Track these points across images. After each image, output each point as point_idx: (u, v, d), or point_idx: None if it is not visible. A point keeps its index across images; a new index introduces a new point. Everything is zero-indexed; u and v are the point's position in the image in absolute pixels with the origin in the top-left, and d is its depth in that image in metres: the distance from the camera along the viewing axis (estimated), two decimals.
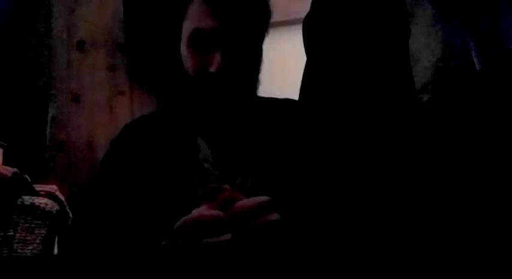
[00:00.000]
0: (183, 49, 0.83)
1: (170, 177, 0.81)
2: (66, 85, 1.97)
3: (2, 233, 1.38)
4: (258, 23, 0.83)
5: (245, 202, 0.64)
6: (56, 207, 1.50)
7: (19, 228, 1.40)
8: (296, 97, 1.21)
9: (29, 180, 1.49)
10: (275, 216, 0.64)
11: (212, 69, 0.77)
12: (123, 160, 0.86)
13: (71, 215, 1.52)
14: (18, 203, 1.42)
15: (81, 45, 2.00)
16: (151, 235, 0.73)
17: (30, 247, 1.41)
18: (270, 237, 0.63)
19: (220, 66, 0.77)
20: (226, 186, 0.67)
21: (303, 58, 1.26)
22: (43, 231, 1.45)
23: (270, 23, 0.89)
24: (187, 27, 0.81)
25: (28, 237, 1.41)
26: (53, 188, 1.54)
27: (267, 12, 0.86)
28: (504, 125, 1.05)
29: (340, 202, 0.80)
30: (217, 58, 0.77)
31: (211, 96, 0.80)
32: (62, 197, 1.53)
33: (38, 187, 1.51)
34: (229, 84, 0.79)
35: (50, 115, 1.94)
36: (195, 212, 0.64)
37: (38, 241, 1.43)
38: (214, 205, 0.64)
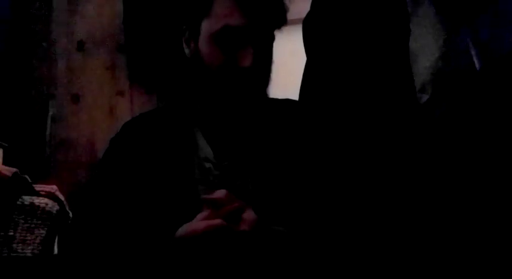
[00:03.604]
0: (205, 46, 0.83)
1: (170, 176, 0.81)
2: (66, 85, 1.97)
3: (2, 233, 1.37)
4: (278, 19, 0.86)
5: (249, 223, 0.69)
6: (56, 207, 1.49)
7: (19, 228, 1.40)
8: (296, 97, 1.21)
9: (29, 180, 1.49)
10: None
11: (246, 64, 0.79)
12: (122, 158, 0.86)
13: (71, 215, 1.52)
14: (18, 203, 1.42)
15: (81, 45, 2.00)
16: (151, 234, 0.73)
17: (30, 247, 1.41)
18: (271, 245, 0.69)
19: (252, 61, 0.80)
20: (223, 193, 0.70)
21: (303, 58, 1.26)
22: (43, 231, 1.44)
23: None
24: (211, 24, 0.83)
25: (28, 237, 1.41)
26: (53, 188, 1.53)
27: (284, 9, 0.89)
28: (504, 125, 1.05)
29: (340, 201, 0.80)
30: (249, 53, 0.79)
31: (238, 91, 0.82)
32: (62, 197, 1.53)
33: (38, 187, 1.51)
34: (257, 79, 0.83)
35: (50, 115, 1.94)
36: (198, 224, 0.67)
37: (38, 241, 1.43)
38: (217, 214, 0.69)
